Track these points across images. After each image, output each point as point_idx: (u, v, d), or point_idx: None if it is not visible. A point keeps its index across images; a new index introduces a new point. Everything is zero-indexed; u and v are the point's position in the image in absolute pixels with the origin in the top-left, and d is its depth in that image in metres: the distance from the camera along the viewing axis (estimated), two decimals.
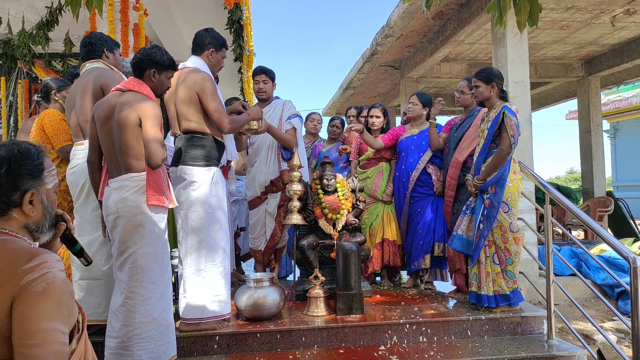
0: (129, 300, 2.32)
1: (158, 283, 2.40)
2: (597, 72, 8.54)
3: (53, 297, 1.11)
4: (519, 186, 3.16)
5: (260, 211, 3.89)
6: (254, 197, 3.88)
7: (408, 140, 3.99)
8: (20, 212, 1.25)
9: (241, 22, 5.03)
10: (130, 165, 2.36)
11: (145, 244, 2.35)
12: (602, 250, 5.62)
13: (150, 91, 2.47)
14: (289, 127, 3.76)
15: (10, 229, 1.24)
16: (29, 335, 1.06)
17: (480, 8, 5.67)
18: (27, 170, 1.25)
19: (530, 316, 3.14)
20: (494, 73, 3.22)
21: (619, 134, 14.81)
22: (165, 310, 2.44)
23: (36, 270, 1.11)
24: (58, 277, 1.14)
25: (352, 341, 2.94)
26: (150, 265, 2.36)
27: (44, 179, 1.29)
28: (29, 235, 1.27)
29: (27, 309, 1.08)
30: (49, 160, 1.34)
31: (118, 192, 2.36)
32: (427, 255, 3.84)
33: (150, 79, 2.50)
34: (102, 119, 2.41)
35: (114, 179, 2.41)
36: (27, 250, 1.18)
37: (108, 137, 2.40)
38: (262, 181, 3.80)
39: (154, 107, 2.36)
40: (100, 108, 2.43)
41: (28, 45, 5.60)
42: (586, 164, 8.92)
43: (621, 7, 6.10)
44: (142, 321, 2.32)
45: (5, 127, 6.72)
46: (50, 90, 3.26)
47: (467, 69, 8.59)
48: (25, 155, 1.26)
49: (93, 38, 2.88)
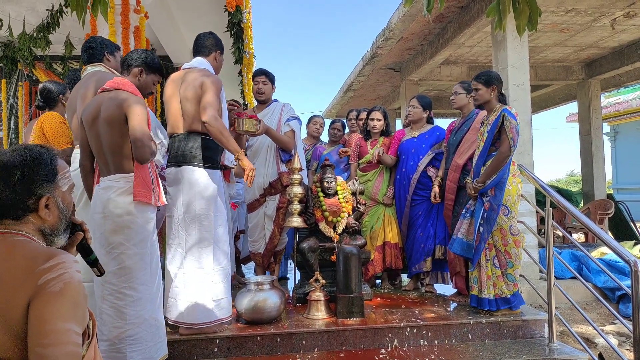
0: (118, 301, 2.31)
1: (148, 284, 2.39)
2: (598, 75, 8.55)
3: (69, 297, 1.12)
4: (518, 189, 3.15)
5: (260, 214, 3.88)
6: (253, 200, 3.87)
7: (408, 143, 4.00)
8: (37, 216, 1.25)
9: (241, 25, 5.03)
10: (120, 165, 2.36)
11: (132, 245, 2.34)
12: (603, 253, 5.61)
13: (135, 89, 2.46)
14: (287, 130, 3.76)
15: (27, 231, 1.24)
16: (44, 334, 1.06)
17: (480, 11, 5.68)
18: (42, 176, 1.25)
19: (531, 319, 3.13)
20: (494, 76, 3.23)
21: (619, 137, 14.80)
22: (156, 311, 2.43)
23: (54, 270, 1.12)
24: (75, 277, 1.15)
25: (353, 344, 2.94)
26: (138, 266, 2.35)
27: (59, 182, 1.29)
28: (43, 238, 1.28)
29: (43, 309, 1.08)
30: (62, 162, 1.34)
31: (105, 192, 2.36)
32: (428, 258, 3.84)
33: (137, 77, 2.51)
34: (89, 120, 2.40)
35: (103, 178, 2.41)
36: (45, 251, 1.18)
37: (96, 137, 2.39)
38: (260, 183, 3.79)
39: (139, 103, 2.34)
40: (87, 110, 2.43)
41: (29, 48, 5.60)
42: (586, 167, 8.92)
43: (621, 10, 6.11)
44: (133, 322, 2.31)
45: (6, 130, 6.72)
46: (57, 95, 3.28)
47: (467, 72, 8.60)
48: (38, 160, 1.25)
49: (93, 42, 2.90)
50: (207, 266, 2.79)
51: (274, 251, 3.97)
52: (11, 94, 6.75)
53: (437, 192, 3.75)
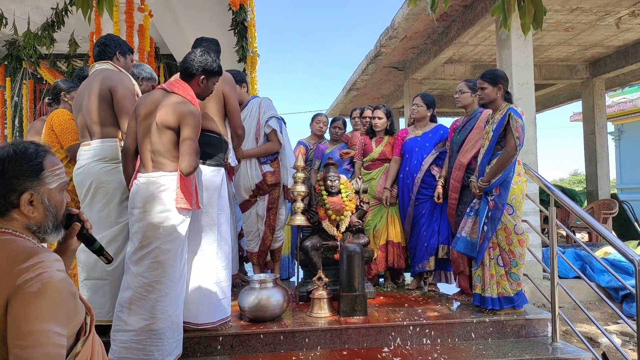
0: (149, 294, 2.35)
1: (176, 281, 2.44)
2: (602, 74, 8.51)
3: (49, 297, 1.09)
4: (523, 188, 3.15)
5: (252, 214, 3.88)
6: (244, 201, 3.87)
7: (412, 141, 3.99)
8: (21, 212, 1.22)
9: (245, 24, 5.04)
10: (163, 164, 2.41)
11: (168, 241, 2.40)
12: (607, 252, 5.60)
13: (194, 96, 2.50)
14: (268, 131, 3.76)
15: (13, 228, 1.22)
16: (22, 336, 1.05)
17: (484, 10, 5.67)
18: (23, 171, 1.22)
19: (535, 319, 3.12)
20: (500, 74, 3.22)
21: (623, 136, 14.72)
22: (179, 309, 2.49)
23: (32, 270, 1.09)
24: (55, 277, 1.12)
25: (356, 343, 2.94)
26: (170, 262, 2.41)
27: (44, 179, 1.25)
28: (32, 235, 1.25)
29: (21, 310, 1.06)
30: (53, 158, 1.30)
31: (147, 188, 2.40)
32: (432, 258, 3.83)
33: (199, 84, 2.54)
34: (142, 114, 2.45)
35: (144, 174, 2.44)
36: (25, 250, 1.15)
37: (146, 133, 2.44)
38: (247, 185, 3.77)
39: (196, 115, 2.39)
40: (143, 104, 2.46)
41: (33, 46, 5.63)
42: (590, 166, 8.89)
43: (626, 8, 6.08)
44: (159, 317, 2.36)
45: (11, 128, 6.76)
46: (60, 92, 3.31)
47: (471, 71, 8.58)
48: (21, 155, 1.22)
49: (108, 40, 2.91)
50: (211, 265, 2.79)
51: (271, 250, 3.97)
52: (16, 92, 6.79)
53: (441, 193, 3.75)
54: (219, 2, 5.63)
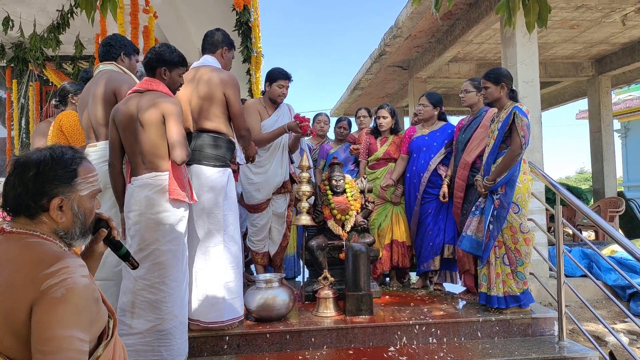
0: (152, 295, 2.36)
1: (179, 281, 2.45)
2: (608, 71, 8.47)
3: (72, 303, 1.09)
4: (529, 187, 3.14)
5: (268, 214, 3.82)
6: (264, 201, 3.76)
7: (419, 140, 3.97)
8: (50, 217, 1.23)
9: (249, 24, 5.05)
10: (155, 164, 2.42)
11: (167, 241, 2.40)
12: (614, 251, 5.57)
13: (167, 89, 2.52)
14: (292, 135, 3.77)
15: (41, 232, 1.22)
16: (44, 341, 1.05)
17: (489, 8, 5.65)
18: (57, 176, 1.22)
19: (541, 317, 3.11)
20: (503, 73, 3.21)
21: (630, 134, 14.65)
22: (184, 309, 2.50)
23: (56, 276, 1.10)
24: (79, 283, 1.12)
25: (362, 342, 2.95)
26: (171, 263, 2.41)
27: (77, 185, 1.26)
28: (59, 239, 1.25)
29: (44, 315, 1.06)
30: (88, 165, 1.30)
31: (141, 190, 2.41)
32: (437, 257, 3.83)
33: (162, 77, 2.53)
34: (123, 121, 2.45)
35: (137, 177, 2.45)
36: (51, 254, 1.16)
37: (132, 138, 2.44)
38: (277, 183, 3.72)
39: (176, 105, 2.43)
40: (121, 111, 2.47)
41: (40, 48, 5.66)
42: (597, 164, 8.84)
43: (632, 5, 6.05)
44: (165, 318, 2.37)
45: (17, 129, 6.80)
46: (68, 94, 3.35)
47: (475, 69, 8.55)
48: (57, 160, 1.23)
49: (113, 40, 2.92)
50: (219, 264, 2.80)
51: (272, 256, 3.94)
52: (22, 94, 6.83)
53: (446, 192, 3.74)
54: (223, 3, 5.64)
